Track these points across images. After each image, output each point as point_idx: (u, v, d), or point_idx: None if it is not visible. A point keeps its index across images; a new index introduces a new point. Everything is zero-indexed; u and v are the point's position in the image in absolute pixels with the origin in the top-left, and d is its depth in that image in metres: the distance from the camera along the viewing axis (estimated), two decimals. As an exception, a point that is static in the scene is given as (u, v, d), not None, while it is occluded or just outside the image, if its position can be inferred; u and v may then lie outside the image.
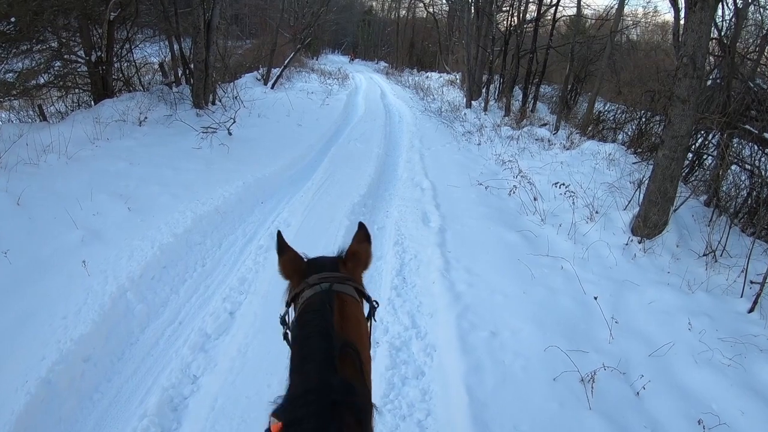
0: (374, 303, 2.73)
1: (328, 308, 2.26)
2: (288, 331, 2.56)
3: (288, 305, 2.60)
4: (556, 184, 10.15)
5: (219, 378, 5.12)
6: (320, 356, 2.04)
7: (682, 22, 9.35)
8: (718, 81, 10.86)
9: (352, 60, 69.61)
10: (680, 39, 8.82)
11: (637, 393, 5.26)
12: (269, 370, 5.21)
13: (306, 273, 2.56)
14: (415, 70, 54.58)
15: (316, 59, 55.49)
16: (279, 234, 2.76)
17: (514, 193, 10.80)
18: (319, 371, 1.98)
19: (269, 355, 5.41)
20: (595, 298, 6.53)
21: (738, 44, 11.36)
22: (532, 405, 4.94)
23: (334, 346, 2.06)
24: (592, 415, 4.86)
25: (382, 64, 67.37)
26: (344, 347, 2.10)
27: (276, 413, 1.87)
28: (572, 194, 9.72)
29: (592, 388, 5.11)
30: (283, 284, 2.70)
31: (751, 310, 6.82)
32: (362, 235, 2.88)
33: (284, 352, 2.34)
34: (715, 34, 10.08)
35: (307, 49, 48.48)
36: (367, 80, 42.08)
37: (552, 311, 6.60)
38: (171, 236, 7.58)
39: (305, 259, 2.72)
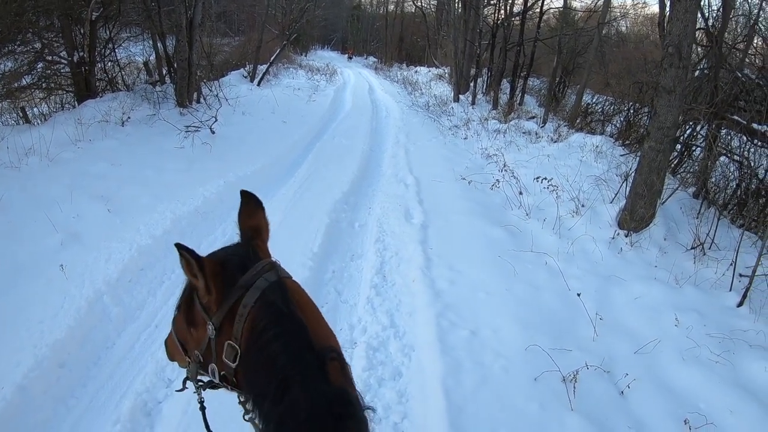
0: None
1: (293, 308, 1.81)
2: (201, 386, 2.20)
3: (217, 330, 1.91)
4: (537, 178, 10.05)
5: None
6: (305, 370, 1.68)
7: (667, 11, 9.22)
8: (705, 72, 10.76)
9: (350, 58, 67.45)
10: (666, 28, 8.70)
11: (622, 392, 5.16)
12: None
13: (226, 272, 1.94)
14: (404, 64, 54.51)
15: (305, 55, 55.24)
16: (178, 245, 1.90)
17: (497, 187, 10.71)
18: (312, 388, 1.64)
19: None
20: (578, 295, 6.37)
21: (726, 35, 11.29)
22: (512, 407, 4.82)
23: (318, 355, 1.70)
24: (574, 416, 4.74)
25: (372, 59, 67.19)
26: (329, 353, 1.73)
27: None
28: (554, 188, 9.60)
29: (575, 388, 4.99)
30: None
31: (740, 305, 6.73)
32: (254, 204, 2.24)
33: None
34: (702, 24, 9.99)
35: (296, 45, 48.35)
36: (356, 75, 42.10)
37: (535, 308, 6.51)
38: (149, 238, 7.44)
39: (213, 260, 1.98)
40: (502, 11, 25.05)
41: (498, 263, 7.57)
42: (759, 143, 9.19)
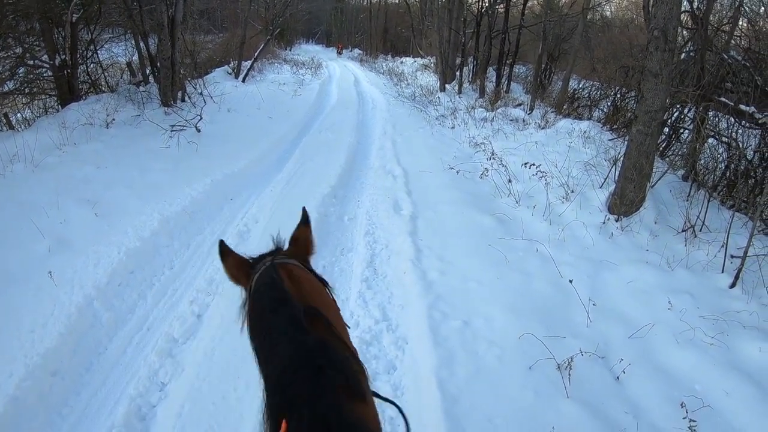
0: (325, 282, 2.61)
1: (276, 278, 2.22)
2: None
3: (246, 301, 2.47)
4: (525, 164, 9.98)
5: (186, 384, 5.00)
6: (288, 326, 1.98)
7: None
8: (692, 54, 10.77)
9: (340, 52, 66.37)
10: (651, 12, 8.68)
11: (617, 377, 5.16)
12: (235, 373, 5.10)
13: (253, 268, 2.47)
14: (389, 56, 54.42)
15: (290, 50, 55.02)
16: (221, 243, 2.70)
17: (485, 175, 10.69)
18: (292, 340, 1.92)
19: (235, 357, 5.28)
20: (570, 281, 6.39)
21: (711, 17, 11.28)
22: (507, 396, 4.81)
23: (297, 311, 2.02)
24: (570, 403, 4.74)
25: (357, 51, 66.93)
26: (308, 310, 2.06)
27: (273, 409, 1.82)
28: (543, 174, 9.56)
29: (569, 374, 4.99)
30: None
31: (732, 286, 6.74)
32: (303, 221, 2.82)
33: (251, 354, 2.21)
34: (687, 6, 9.98)
35: (280, 39, 48.24)
36: (342, 68, 42.09)
37: (527, 296, 6.50)
38: (138, 240, 7.39)
39: (250, 259, 2.60)
40: (486, -1, 25.08)
41: (489, 252, 7.55)
42: (747, 124, 9.19)
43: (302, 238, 2.72)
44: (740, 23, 12.57)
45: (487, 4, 24.56)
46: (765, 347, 5.52)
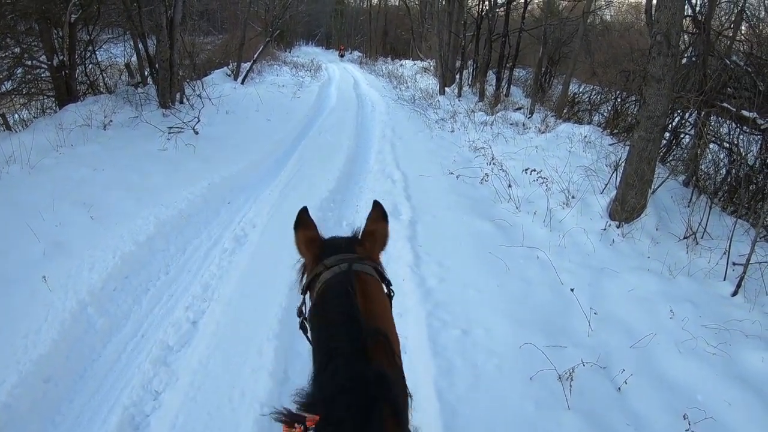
0: (391, 291, 2.60)
1: (351, 291, 2.17)
2: (305, 320, 2.54)
3: (304, 292, 2.55)
4: (526, 170, 9.95)
5: (181, 393, 4.91)
6: (350, 347, 1.97)
7: (654, -1, 9.16)
8: (693, 59, 10.73)
9: (342, 55, 65.63)
10: (653, 16, 8.63)
11: (619, 388, 5.08)
12: (231, 382, 5.02)
13: (322, 253, 2.48)
14: (389, 58, 54.37)
15: (289, 52, 55.05)
16: (304, 209, 2.80)
17: (485, 181, 10.60)
18: (352, 364, 1.91)
19: (231, 365, 5.21)
20: (572, 290, 6.32)
21: (713, 21, 11.25)
22: (507, 407, 4.73)
23: (364, 335, 1.98)
24: (572, 415, 4.66)
25: (356, 53, 66.88)
26: (375, 335, 2.02)
27: (307, 408, 1.84)
28: (544, 179, 9.53)
29: (571, 385, 4.91)
30: (248, 289, 2.64)
31: (734, 294, 6.69)
32: (378, 214, 2.81)
33: (246, 362, 2.17)
34: (689, 11, 9.93)
35: (280, 41, 48.29)
36: (341, 70, 42.07)
37: (527, 305, 6.41)
38: (133, 244, 7.31)
39: (323, 239, 2.66)
40: (486, 2, 25.03)
41: (488, 259, 7.48)
42: (748, 130, 9.15)
43: (379, 233, 2.71)
44: (742, 28, 12.55)
45: (487, 7, 24.53)
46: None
